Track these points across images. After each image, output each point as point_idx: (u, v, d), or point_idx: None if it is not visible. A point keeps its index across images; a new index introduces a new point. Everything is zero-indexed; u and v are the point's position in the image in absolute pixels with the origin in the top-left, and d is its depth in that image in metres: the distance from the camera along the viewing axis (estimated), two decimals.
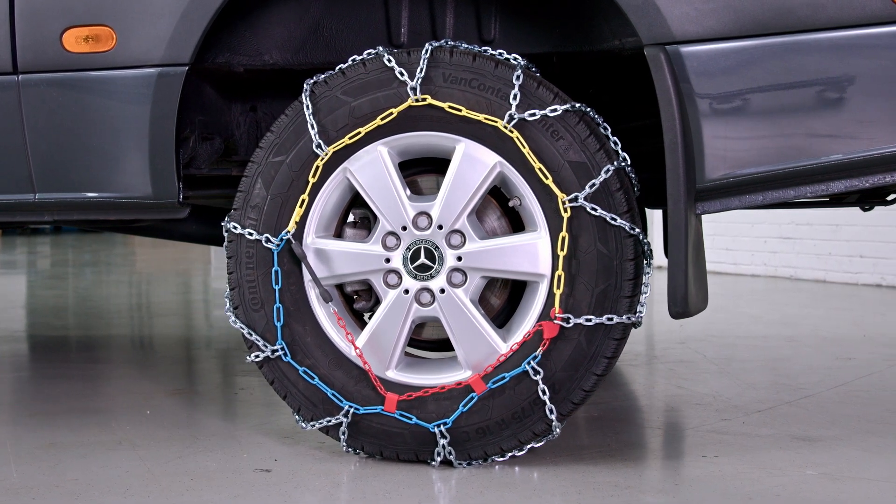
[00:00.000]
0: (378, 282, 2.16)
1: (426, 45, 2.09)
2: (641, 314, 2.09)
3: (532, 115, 2.05)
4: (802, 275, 6.72)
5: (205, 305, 6.07)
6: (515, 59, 2.09)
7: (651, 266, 2.11)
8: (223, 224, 2.21)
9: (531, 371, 2.08)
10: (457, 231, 2.11)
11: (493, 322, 2.18)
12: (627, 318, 2.06)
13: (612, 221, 2.04)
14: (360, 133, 2.12)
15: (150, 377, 3.30)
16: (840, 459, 2.21)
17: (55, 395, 3.01)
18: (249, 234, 2.18)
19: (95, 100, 2.26)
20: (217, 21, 2.20)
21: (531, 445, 2.14)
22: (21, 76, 2.30)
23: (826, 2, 1.93)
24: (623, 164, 2.08)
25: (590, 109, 2.09)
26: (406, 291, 2.14)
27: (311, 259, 2.17)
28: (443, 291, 2.12)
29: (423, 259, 2.12)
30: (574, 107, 2.06)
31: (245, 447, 2.35)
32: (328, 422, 2.18)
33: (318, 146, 2.13)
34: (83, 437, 2.46)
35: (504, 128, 2.06)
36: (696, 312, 2.10)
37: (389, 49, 2.15)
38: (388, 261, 2.14)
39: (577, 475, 2.09)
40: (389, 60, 2.10)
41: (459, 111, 2.07)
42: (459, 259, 2.11)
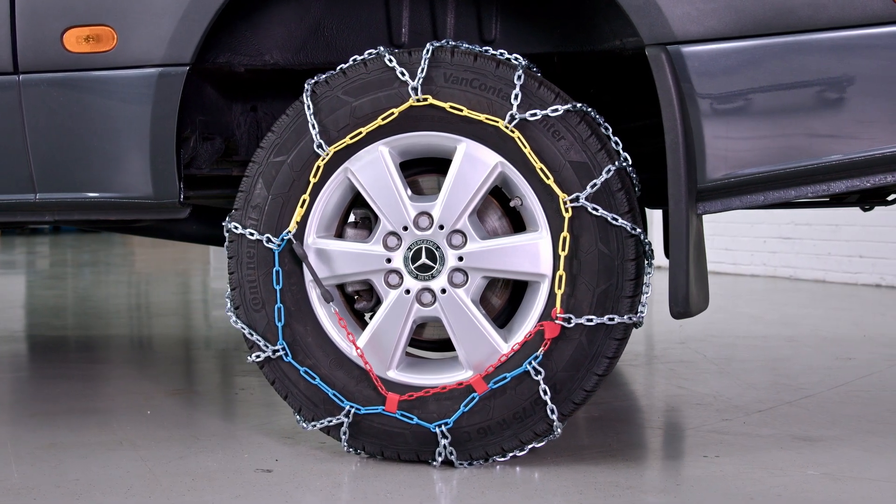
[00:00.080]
0: (379, 282, 2.16)
1: (427, 45, 2.09)
2: (643, 314, 2.09)
3: (533, 116, 2.05)
4: (802, 275, 6.72)
5: (204, 305, 6.06)
6: (517, 59, 2.09)
7: (652, 266, 2.11)
8: (224, 224, 2.21)
9: (532, 371, 2.08)
10: (458, 231, 2.11)
11: (495, 322, 2.18)
12: (629, 318, 2.06)
13: (614, 221, 2.04)
14: (362, 133, 2.12)
15: (150, 377, 3.30)
16: (841, 459, 2.21)
17: (55, 396, 3.01)
18: (250, 234, 2.18)
19: (96, 100, 2.26)
20: (218, 21, 2.20)
21: (532, 445, 2.14)
22: (22, 76, 2.29)
23: (827, 2, 1.93)
24: (624, 165, 2.08)
25: (591, 109, 2.09)
26: (407, 291, 2.14)
27: (313, 259, 2.17)
28: (444, 291, 2.12)
29: (425, 259, 2.12)
30: (575, 107, 2.06)
31: (246, 447, 2.35)
32: (329, 422, 2.18)
33: (320, 146, 2.13)
34: (84, 438, 2.46)
35: (505, 128, 2.06)
36: (698, 312, 2.10)
37: (390, 49, 2.15)
38: (390, 261, 2.14)
39: (579, 475, 2.09)
40: (391, 60, 2.10)
41: (461, 111, 2.07)
42: (460, 259, 2.11)
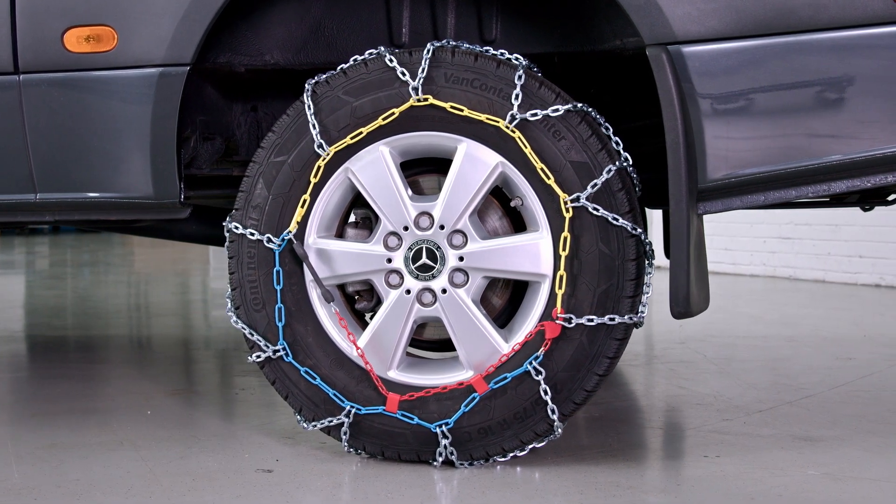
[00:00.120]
0: (380, 282, 2.16)
1: (428, 45, 2.09)
2: (643, 314, 2.09)
3: (534, 116, 2.05)
4: (801, 275, 6.72)
5: (203, 306, 6.06)
6: (517, 59, 2.09)
7: (653, 266, 2.11)
8: (225, 224, 2.21)
9: (533, 371, 2.08)
10: (458, 231, 2.11)
11: (495, 322, 2.18)
12: (629, 319, 2.06)
13: (614, 221, 2.04)
14: (362, 133, 2.12)
15: (150, 377, 3.30)
16: (842, 459, 2.21)
17: (55, 396, 3.01)
18: (251, 235, 2.18)
19: (96, 100, 2.26)
20: (218, 21, 2.20)
21: (533, 445, 2.14)
22: (22, 76, 2.29)
23: (828, 2, 1.93)
24: (625, 165, 2.08)
25: (591, 109, 2.09)
26: (408, 291, 2.13)
27: (313, 259, 2.17)
28: (444, 291, 2.12)
29: (425, 259, 2.12)
30: (576, 107, 2.06)
31: (246, 447, 2.35)
32: (330, 422, 2.18)
33: (320, 146, 2.13)
34: (84, 438, 2.46)
35: (506, 128, 2.06)
36: (698, 312, 2.10)
37: (391, 49, 2.15)
38: (390, 261, 2.14)
39: (579, 475, 2.09)
40: (391, 60, 2.10)
41: (461, 111, 2.07)
42: (461, 259, 2.11)
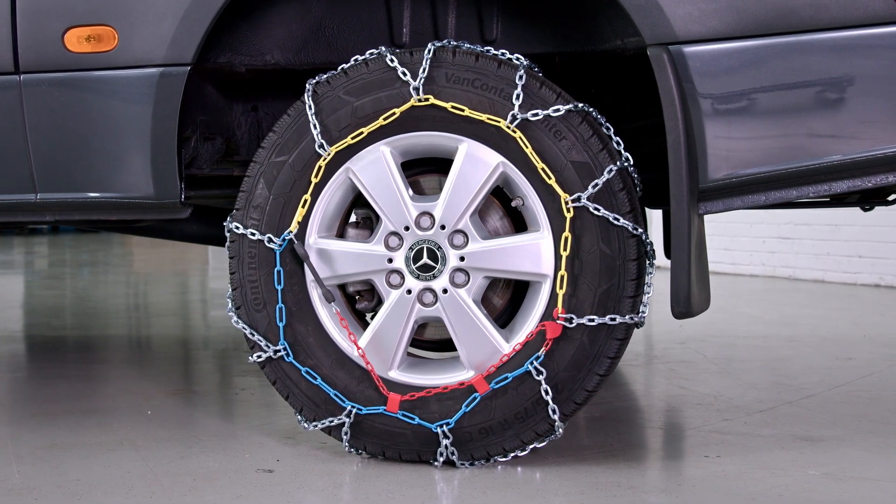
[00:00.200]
0: (380, 282, 2.15)
1: (429, 45, 2.09)
2: (644, 314, 2.09)
3: (535, 116, 2.05)
4: (801, 275, 6.72)
5: (203, 306, 6.06)
6: (518, 59, 2.09)
7: (654, 266, 2.11)
8: (225, 224, 2.20)
9: (534, 371, 2.08)
10: (459, 231, 2.11)
11: (496, 322, 2.18)
12: (630, 319, 2.06)
13: (615, 221, 2.04)
14: (363, 133, 2.12)
15: (150, 377, 3.30)
16: (842, 459, 2.21)
17: (55, 396, 3.01)
18: (252, 235, 2.17)
19: (97, 100, 2.26)
20: (219, 21, 2.20)
21: (534, 445, 2.14)
22: (22, 76, 2.29)
23: (829, 2, 1.93)
24: (626, 165, 2.08)
25: (592, 109, 2.09)
26: (408, 292, 2.13)
27: (314, 259, 2.16)
28: (445, 291, 2.12)
29: (426, 259, 2.12)
30: (577, 107, 2.06)
31: (247, 447, 2.34)
32: (331, 422, 2.18)
33: (321, 146, 2.13)
34: (84, 438, 2.45)
35: (507, 128, 2.06)
36: (699, 312, 2.10)
37: (392, 49, 2.15)
38: (391, 261, 2.14)
39: (580, 475, 2.09)
40: (392, 60, 2.10)
41: (462, 111, 2.07)
42: (462, 259, 2.11)
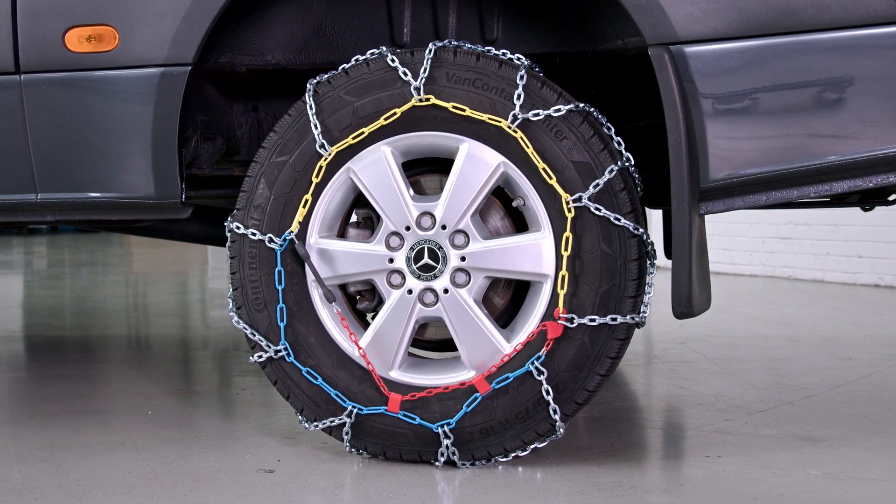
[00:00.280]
0: (381, 282, 2.15)
1: (430, 45, 2.09)
2: (645, 314, 2.09)
3: (536, 116, 2.05)
4: (801, 275, 6.73)
5: (202, 306, 6.06)
6: (519, 59, 2.09)
7: (655, 266, 2.11)
8: (226, 224, 2.20)
9: (535, 371, 2.08)
10: (460, 231, 2.11)
11: (497, 322, 2.18)
12: (631, 319, 2.06)
13: (616, 221, 2.04)
14: (364, 133, 2.12)
15: (150, 377, 3.30)
16: (843, 459, 2.21)
17: (55, 396, 3.00)
18: (252, 235, 2.17)
19: (98, 100, 2.26)
20: (219, 21, 2.20)
21: (535, 445, 2.14)
22: (23, 76, 2.29)
23: (830, 2, 1.93)
24: (627, 164, 2.08)
25: (593, 109, 2.09)
26: (409, 292, 2.13)
27: (315, 259, 2.16)
28: (446, 292, 2.11)
29: (427, 259, 2.12)
30: (578, 107, 2.06)
31: (247, 447, 2.34)
32: (331, 422, 2.18)
33: (322, 146, 2.13)
34: (85, 438, 2.45)
35: (508, 128, 2.06)
36: (700, 312, 2.10)
37: (393, 49, 2.14)
38: (392, 261, 2.14)
39: (581, 475, 2.09)
40: (393, 60, 2.10)
41: (463, 111, 2.07)
42: (463, 259, 2.11)
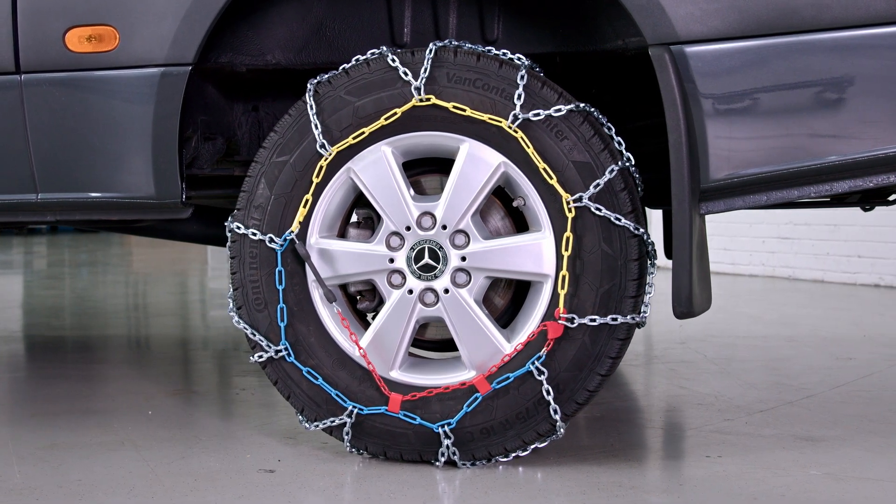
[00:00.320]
0: (382, 282, 2.15)
1: (430, 45, 2.09)
2: (646, 314, 2.09)
3: (536, 115, 2.05)
4: (800, 275, 6.73)
5: (202, 306, 6.06)
6: (519, 59, 2.09)
7: (655, 266, 2.11)
8: (226, 224, 2.20)
9: (535, 371, 2.08)
10: (461, 231, 2.11)
11: (497, 322, 2.18)
12: (632, 319, 2.06)
13: (617, 221, 2.04)
14: (364, 133, 2.12)
15: (150, 378, 3.30)
16: (844, 459, 2.21)
17: (55, 396, 3.00)
18: (253, 235, 2.17)
19: (98, 99, 2.26)
20: (220, 21, 2.20)
21: (535, 446, 2.14)
22: (23, 76, 2.29)
23: (831, 2, 1.93)
24: (627, 164, 2.08)
25: (594, 109, 2.09)
26: (410, 292, 2.13)
27: (315, 259, 2.16)
28: (447, 292, 2.11)
29: (427, 259, 2.12)
30: (578, 107, 2.06)
31: (248, 447, 2.34)
32: (332, 422, 2.18)
33: (322, 146, 2.13)
34: (85, 438, 2.45)
35: (508, 128, 2.06)
36: (701, 312, 2.10)
37: (393, 49, 2.14)
38: (392, 261, 2.14)
39: (581, 475, 2.09)
40: (393, 60, 2.10)
41: (463, 111, 2.07)
42: (463, 259, 2.11)
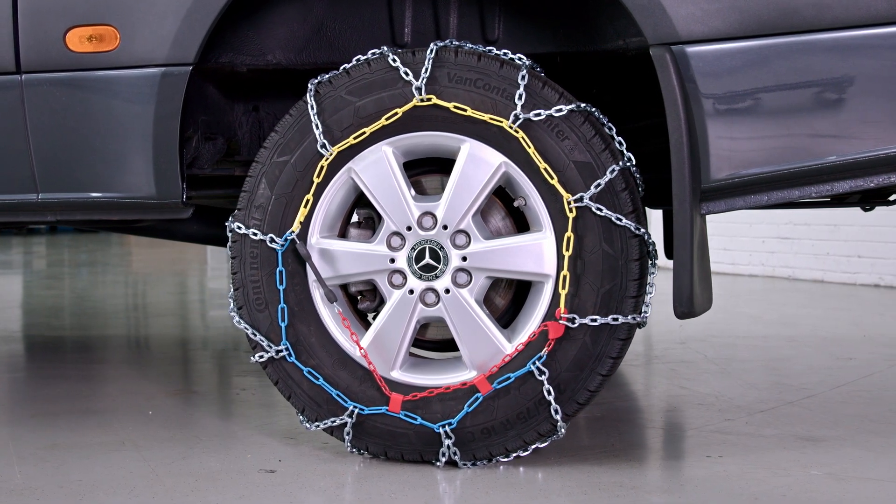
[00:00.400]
0: (383, 282, 2.15)
1: (431, 45, 2.09)
2: (646, 314, 2.09)
3: (537, 115, 2.05)
4: (800, 275, 6.73)
5: (202, 306, 6.06)
6: (520, 59, 2.09)
7: (656, 266, 2.11)
8: (227, 224, 2.20)
9: (536, 371, 2.08)
10: (462, 231, 2.11)
11: (498, 322, 2.18)
12: (633, 319, 2.06)
13: (618, 221, 2.04)
14: (365, 133, 2.12)
15: (150, 378, 3.30)
16: (844, 459, 2.21)
17: (55, 396, 3.00)
18: (254, 235, 2.17)
19: (99, 99, 2.26)
20: (220, 21, 2.20)
21: (536, 446, 2.13)
22: (24, 76, 2.29)
23: (831, 2, 1.93)
24: (628, 165, 2.08)
25: (595, 109, 2.09)
26: (411, 292, 2.13)
27: (316, 259, 2.16)
28: (448, 292, 2.11)
29: (428, 259, 2.12)
30: (579, 107, 2.06)
31: (248, 448, 2.34)
32: (333, 422, 2.18)
33: (323, 146, 2.13)
34: (85, 438, 2.45)
35: (509, 128, 2.06)
36: (702, 312, 2.10)
37: (394, 49, 2.14)
38: (393, 261, 2.14)
39: (582, 475, 2.09)
40: (394, 60, 2.10)
41: (464, 111, 2.07)
42: (464, 259, 2.11)
